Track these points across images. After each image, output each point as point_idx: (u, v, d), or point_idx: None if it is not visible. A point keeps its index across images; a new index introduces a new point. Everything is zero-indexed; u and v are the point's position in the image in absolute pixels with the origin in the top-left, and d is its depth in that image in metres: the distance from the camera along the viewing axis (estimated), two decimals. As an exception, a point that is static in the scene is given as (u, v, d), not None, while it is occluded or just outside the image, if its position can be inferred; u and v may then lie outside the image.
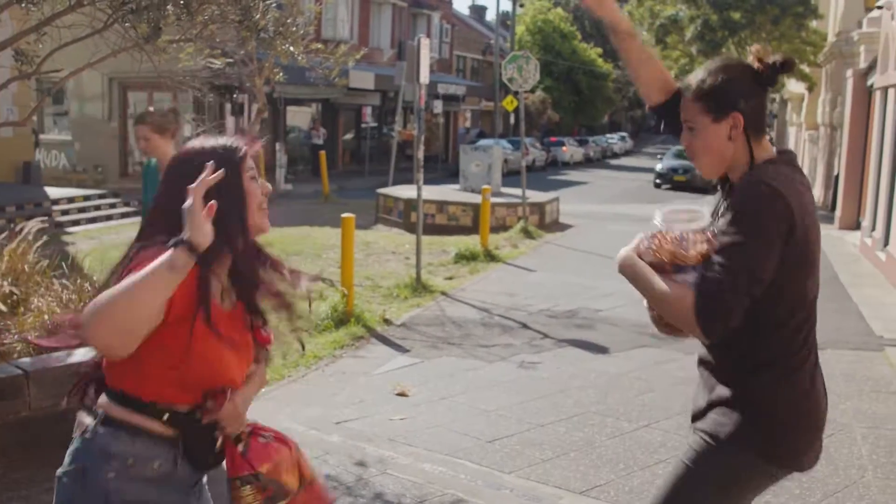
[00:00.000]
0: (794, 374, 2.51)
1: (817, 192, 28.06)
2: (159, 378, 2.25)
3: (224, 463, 2.41)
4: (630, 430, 6.09)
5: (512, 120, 44.25)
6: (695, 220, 2.49)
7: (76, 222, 17.28)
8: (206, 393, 2.30)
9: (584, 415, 6.40)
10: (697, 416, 2.65)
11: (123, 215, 18.78)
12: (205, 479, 2.49)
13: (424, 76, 11.88)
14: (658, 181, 34.56)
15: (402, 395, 6.77)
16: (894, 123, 13.73)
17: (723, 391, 2.56)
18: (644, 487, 5.09)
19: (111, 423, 2.26)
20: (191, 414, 2.30)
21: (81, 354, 5.41)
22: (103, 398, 2.32)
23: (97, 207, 18.67)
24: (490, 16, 66.02)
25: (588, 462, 5.48)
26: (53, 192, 18.68)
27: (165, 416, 2.27)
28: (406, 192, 18.65)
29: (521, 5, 58.47)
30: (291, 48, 9.04)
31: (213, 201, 2.08)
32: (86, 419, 2.32)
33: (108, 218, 18.34)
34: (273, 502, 2.37)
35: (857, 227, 17.68)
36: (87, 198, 18.91)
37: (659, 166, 35.69)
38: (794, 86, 35.77)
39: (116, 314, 2.00)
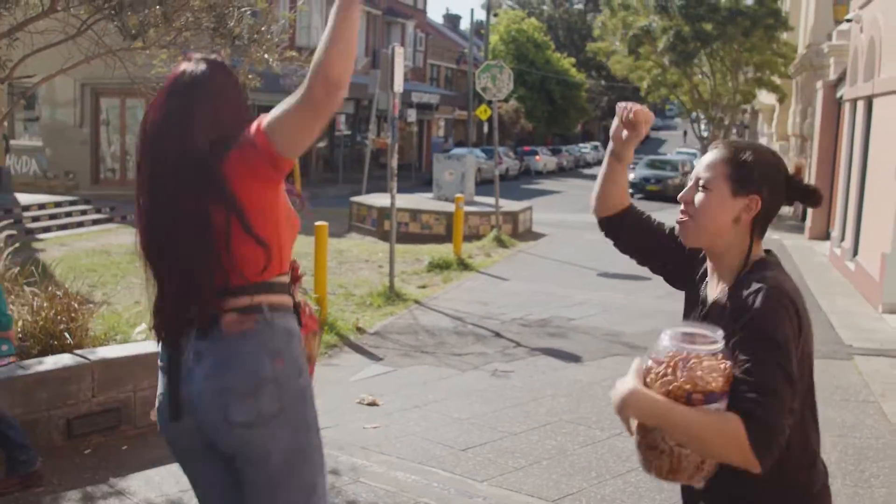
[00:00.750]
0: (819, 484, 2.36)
1: (788, 203, 28.29)
2: (286, 250, 2.56)
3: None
4: (602, 438, 6.11)
5: (485, 129, 44.38)
6: (710, 343, 2.14)
7: (47, 229, 17.13)
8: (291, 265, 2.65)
9: (556, 423, 6.43)
10: None
11: (95, 222, 18.66)
12: None
13: (398, 85, 11.90)
14: (631, 191, 34.15)
15: (372, 404, 6.77)
16: (863, 134, 13.90)
17: None
18: (616, 496, 5.12)
19: (276, 309, 2.52)
20: (291, 282, 2.64)
21: (52, 362, 5.38)
22: (239, 298, 2.48)
23: (68, 214, 18.53)
24: (464, 25, 66.05)
25: (560, 470, 5.50)
26: (24, 198, 18.51)
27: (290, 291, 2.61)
28: (379, 200, 18.64)
29: (495, 15, 58.71)
30: (266, 55, 9.03)
31: None
32: (237, 320, 2.47)
33: (80, 224, 18.21)
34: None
35: (827, 237, 17.86)
36: (58, 204, 18.78)
37: (632, 176, 35.81)
38: (765, 97, 36.07)
39: (348, 48, 2.35)
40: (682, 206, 2.38)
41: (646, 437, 2.20)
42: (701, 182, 2.34)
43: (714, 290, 2.38)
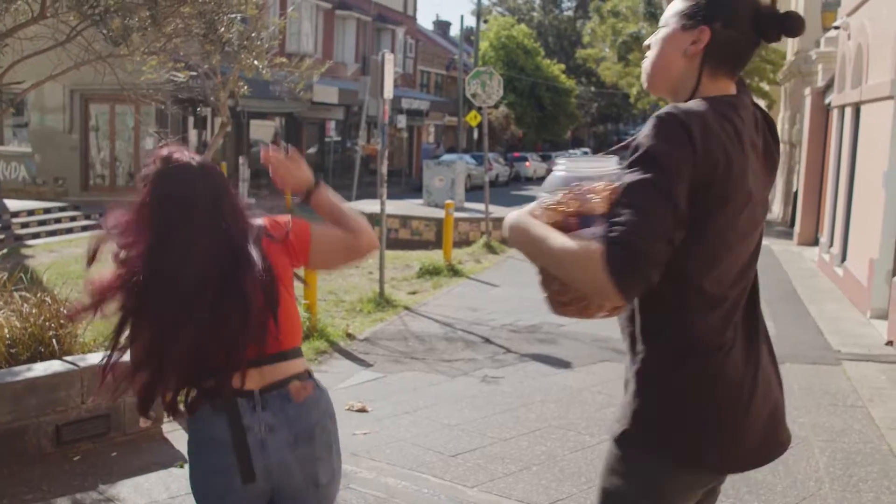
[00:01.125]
0: (708, 356, 2.11)
1: (777, 209, 28.36)
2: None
3: None
4: (592, 443, 6.12)
5: (475, 135, 44.41)
6: (604, 168, 2.05)
7: (36, 235, 17.10)
8: None
9: (546, 429, 6.43)
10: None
11: (84, 228, 18.62)
12: None
13: (388, 91, 11.92)
14: (620, 196, 34.74)
15: (361, 410, 6.77)
16: (851, 141, 13.96)
17: (629, 384, 2.22)
18: (606, 501, 5.13)
19: (311, 372, 2.71)
20: None
21: (42, 369, 5.38)
22: (292, 364, 2.63)
23: (58, 220, 18.50)
24: (454, 31, 66.10)
25: (550, 476, 5.50)
26: (13, 204, 18.47)
27: None
28: (369, 206, 18.66)
29: (485, 21, 58.83)
30: (256, 62, 9.04)
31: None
32: (302, 386, 2.62)
33: (69, 231, 18.18)
34: None
35: (816, 242, 17.92)
36: (47, 210, 18.74)
37: (621, 182, 35.92)
38: (753, 103, 36.18)
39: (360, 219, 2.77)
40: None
41: (541, 273, 2.16)
42: (660, 24, 2.26)
43: None
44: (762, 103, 33.30)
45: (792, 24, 2.16)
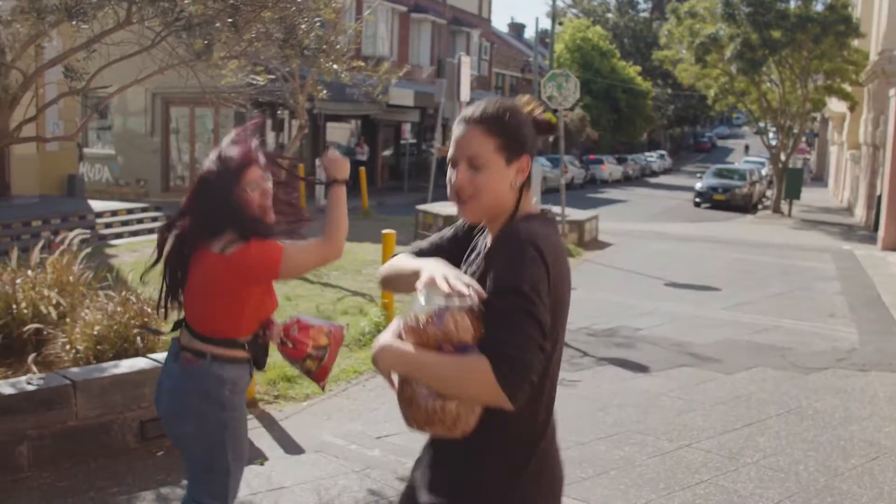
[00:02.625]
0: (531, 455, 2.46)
1: (859, 213, 27.70)
2: (247, 322, 3.46)
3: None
4: (671, 449, 6.06)
5: (551, 138, 44.18)
6: (463, 299, 2.17)
7: (119, 235, 17.47)
8: (262, 324, 3.53)
9: (624, 433, 6.38)
10: None
11: (165, 229, 18.94)
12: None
13: (465, 94, 11.95)
14: (698, 200, 34.40)
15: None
16: (939, 143, 13.59)
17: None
18: (685, 507, 5.07)
19: (218, 359, 3.40)
20: (254, 338, 3.50)
21: (127, 366, 5.50)
22: (199, 343, 3.45)
23: (140, 221, 18.88)
24: (529, 34, 65.95)
25: (629, 481, 5.46)
26: (97, 205, 18.90)
27: (245, 346, 3.47)
28: (445, 208, 18.68)
29: (560, 23, 58.60)
30: (334, 66, 9.13)
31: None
32: (191, 358, 3.43)
33: (151, 231, 18.53)
34: (321, 358, 3.66)
35: (901, 247, 17.48)
36: (130, 211, 19.13)
37: (699, 185, 35.53)
38: (835, 105, 35.38)
39: (345, 222, 3.49)
40: (456, 192, 2.33)
41: (404, 392, 2.25)
42: (471, 162, 2.29)
43: (486, 241, 2.43)
44: (844, 105, 32.57)
45: (549, 130, 2.41)
